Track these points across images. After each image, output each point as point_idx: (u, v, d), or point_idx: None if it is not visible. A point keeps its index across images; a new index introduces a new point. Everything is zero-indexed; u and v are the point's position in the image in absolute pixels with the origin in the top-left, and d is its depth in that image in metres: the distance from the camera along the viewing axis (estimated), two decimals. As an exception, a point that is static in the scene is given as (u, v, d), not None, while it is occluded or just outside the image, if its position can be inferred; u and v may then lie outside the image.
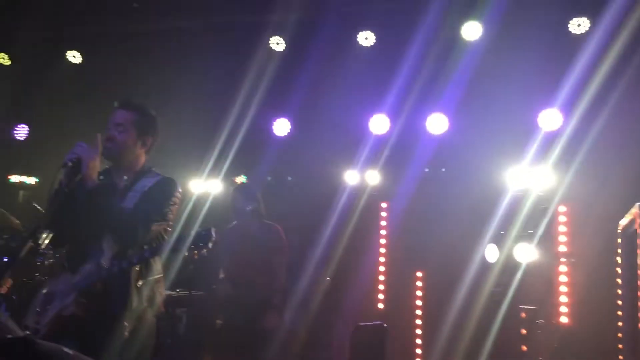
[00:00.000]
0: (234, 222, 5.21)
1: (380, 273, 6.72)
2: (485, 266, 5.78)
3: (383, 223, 6.82)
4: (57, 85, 7.23)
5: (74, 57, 7.33)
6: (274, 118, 6.87)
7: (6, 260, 5.70)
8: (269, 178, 6.99)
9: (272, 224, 5.20)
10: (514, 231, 5.67)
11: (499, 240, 5.74)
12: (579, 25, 5.78)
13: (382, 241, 6.79)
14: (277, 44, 6.65)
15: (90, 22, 7.13)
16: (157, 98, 6.22)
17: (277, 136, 6.89)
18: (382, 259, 6.76)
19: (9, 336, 0.99)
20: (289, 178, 7.09)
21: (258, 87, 6.36)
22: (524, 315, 5.51)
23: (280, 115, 6.86)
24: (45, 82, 7.18)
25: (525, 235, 5.70)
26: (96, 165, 3.05)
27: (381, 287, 6.69)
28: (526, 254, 5.62)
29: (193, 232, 2.95)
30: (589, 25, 5.70)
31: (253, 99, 6.39)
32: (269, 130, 6.89)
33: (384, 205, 6.81)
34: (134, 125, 3.20)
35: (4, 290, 2.71)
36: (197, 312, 5.77)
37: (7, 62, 7.37)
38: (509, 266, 5.69)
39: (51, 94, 7.23)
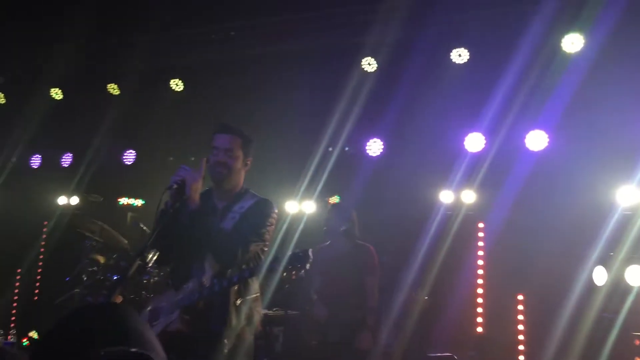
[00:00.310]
0: (327, 242, 5.24)
1: (479, 295, 6.51)
2: (592, 289, 5.44)
3: (480, 244, 6.62)
4: (161, 112, 7.64)
5: (177, 85, 7.72)
6: (367, 138, 6.90)
7: (116, 278, 6.07)
8: (362, 198, 7.00)
9: (364, 244, 5.19)
10: (624, 252, 5.31)
11: (606, 261, 5.41)
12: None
13: (480, 262, 6.59)
14: (369, 64, 6.69)
15: (191, 52, 7.51)
16: (254, 121, 6.44)
17: (371, 156, 6.90)
18: (480, 281, 6.55)
19: (132, 350, 1.04)
20: (383, 198, 7.06)
21: (351, 108, 6.42)
22: (638, 342, 5.14)
23: (374, 136, 6.88)
24: (150, 110, 7.61)
25: (637, 257, 5.33)
26: (198, 188, 3.19)
27: (480, 310, 6.47)
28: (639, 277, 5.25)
29: (290, 253, 3.00)
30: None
31: (346, 120, 6.45)
32: (362, 151, 6.92)
33: (480, 225, 6.62)
34: (241, 149, 3.32)
35: (115, 306, 2.85)
36: (293, 331, 5.83)
37: (116, 91, 7.87)
38: (619, 290, 5.32)
39: (156, 121, 7.64)
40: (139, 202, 8.11)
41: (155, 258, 3.15)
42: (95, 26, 6.89)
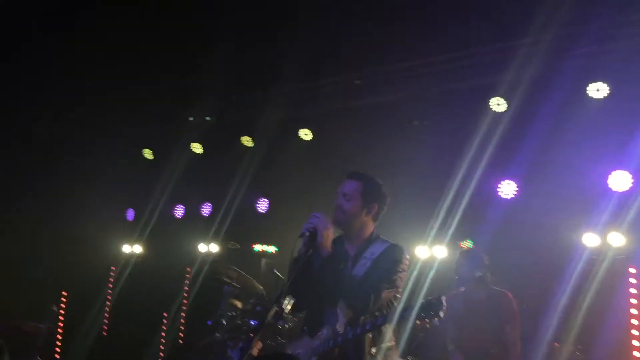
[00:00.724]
0: (461, 289, 5.06)
1: (635, 348, 5.93)
2: None
3: (633, 290, 6.07)
4: (292, 161, 7.92)
5: (306, 134, 7.97)
6: (499, 180, 6.66)
7: (255, 323, 6.26)
8: (495, 242, 6.72)
9: (500, 290, 4.95)
10: None
11: None
12: None
13: (634, 311, 6.02)
14: (498, 104, 6.51)
15: (318, 102, 7.77)
16: (383, 166, 6.47)
17: (503, 198, 6.64)
18: (635, 332, 5.97)
19: None
20: (518, 241, 6.73)
21: (482, 150, 6.25)
22: None
23: (506, 177, 6.62)
24: (282, 159, 7.91)
25: None
26: (330, 235, 3.25)
27: (636, 363, 5.88)
28: None
29: (423, 301, 2.93)
30: None
31: (477, 162, 6.28)
32: (494, 193, 6.67)
33: (632, 270, 6.08)
34: (360, 194, 3.36)
35: (255, 352, 2.94)
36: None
37: (250, 143, 8.30)
38: None
39: (287, 170, 7.93)
40: (272, 249, 8.36)
41: (290, 304, 3.21)
42: (232, 80, 7.37)
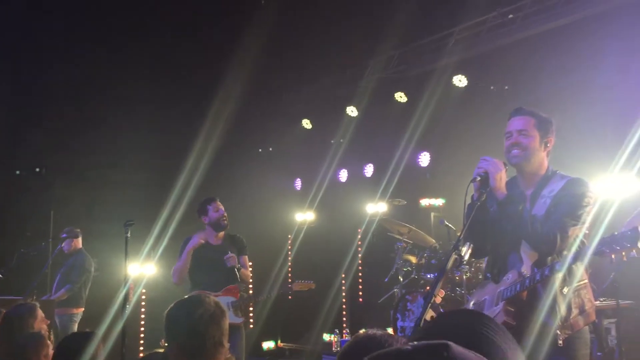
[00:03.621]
0: None
1: None
2: None
3: None
4: (448, 111, 7.70)
5: (460, 81, 7.70)
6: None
7: (435, 275, 6.27)
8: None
9: None
10: None
11: None
12: None
13: None
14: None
15: (471, 44, 7.45)
16: (556, 101, 6.05)
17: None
18: None
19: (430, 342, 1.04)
20: None
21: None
22: None
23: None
24: (437, 110, 7.71)
25: None
26: (503, 177, 3.11)
27: None
28: None
29: (616, 233, 2.72)
30: None
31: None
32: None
33: None
34: (536, 128, 3.17)
35: (438, 300, 2.95)
36: (627, 323, 5.27)
37: (403, 99, 8.23)
38: None
39: (445, 120, 7.75)
40: (440, 202, 8.29)
41: (469, 251, 3.15)
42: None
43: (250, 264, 6.04)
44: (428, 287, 6.29)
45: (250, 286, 7.14)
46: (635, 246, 2.65)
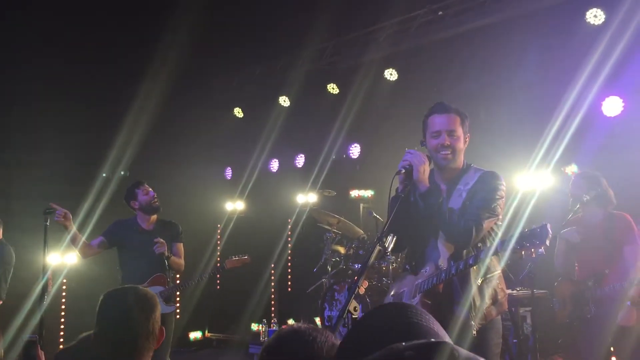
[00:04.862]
0: (579, 213, 4.80)
1: None
2: None
3: None
4: (380, 103, 7.80)
5: (391, 74, 7.80)
6: (603, 97, 6.22)
7: (359, 266, 6.35)
8: (597, 161, 6.31)
9: (619, 213, 4.68)
10: None
11: None
12: None
13: None
14: (595, 16, 6.05)
15: (401, 39, 7.56)
16: (478, 96, 6.21)
17: (607, 116, 6.21)
18: None
19: (432, 340, 1.06)
20: (625, 160, 6.29)
21: (581, 67, 5.83)
22: None
23: (611, 94, 6.18)
24: (368, 103, 7.79)
25: None
26: (426, 169, 3.16)
27: None
28: None
29: (525, 230, 2.80)
30: None
31: (577, 79, 5.87)
32: (597, 112, 6.26)
33: None
34: (461, 126, 3.22)
35: (361, 290, 2.97)
36: (541, 311, 5.52)
37: (335, 91, 8.26)
38: None
39: (376, 113, 7.84)
40: (369, 193, 8.39)
41: (393, 243, 3.19)
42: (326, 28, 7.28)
43: (182, 252, 5.89)
44: (355, 278, 6.36)
45: (178, 275, 6.99)
46: (544, 244, 2.71)
